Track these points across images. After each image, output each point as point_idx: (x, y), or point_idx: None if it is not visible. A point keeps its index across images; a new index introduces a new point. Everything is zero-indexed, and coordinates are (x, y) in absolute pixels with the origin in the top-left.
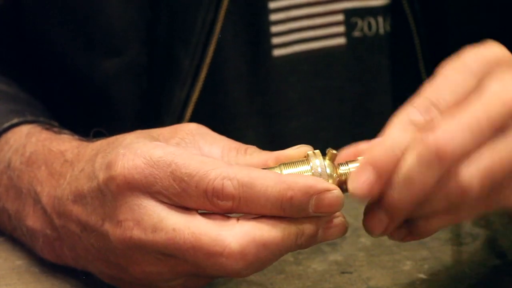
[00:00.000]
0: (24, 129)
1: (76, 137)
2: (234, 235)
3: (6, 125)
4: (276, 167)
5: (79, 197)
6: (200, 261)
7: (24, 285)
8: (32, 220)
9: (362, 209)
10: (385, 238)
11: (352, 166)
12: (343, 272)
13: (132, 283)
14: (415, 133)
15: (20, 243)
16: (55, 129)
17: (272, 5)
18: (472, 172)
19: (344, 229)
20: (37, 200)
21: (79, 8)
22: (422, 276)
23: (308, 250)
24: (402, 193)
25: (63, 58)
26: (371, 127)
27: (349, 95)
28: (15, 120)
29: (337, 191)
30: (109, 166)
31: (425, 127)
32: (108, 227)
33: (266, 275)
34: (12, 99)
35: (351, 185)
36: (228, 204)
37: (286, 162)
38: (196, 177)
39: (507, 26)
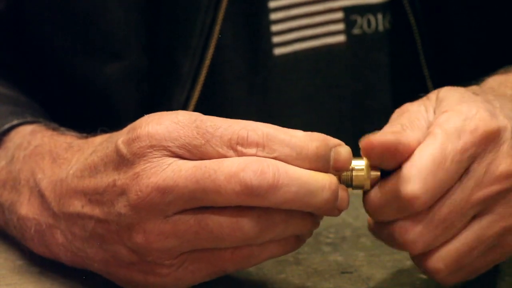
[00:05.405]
0: (28, 128)
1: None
2: (256, 158)
3: (6, 126)
4: None
5: (88, 171)
6: (222, 186)
7: (24, 285)
8: (26, 208)
9: (362, 209)
10: None
11: (356, 164)
12: (343, 272)
13: (127, 264)
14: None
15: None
16: (62, 128)
17: (272, 4)
18: (439, 258)
19: (348, 201)
20: (35, 188)
21: (80, 13)
22: (422, 276)
23: (308, 250)
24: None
25: (64, 63)
26: (371, 125)
27: (349, 93)
28: (15, 122)
29: (348, 147)
30: (133, 128)
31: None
32: (122, 182)
33: (266, 275)
34: (13, 102)
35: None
36: (251, 151)
37: None
38: (221, 128)
39: (508, 22)
